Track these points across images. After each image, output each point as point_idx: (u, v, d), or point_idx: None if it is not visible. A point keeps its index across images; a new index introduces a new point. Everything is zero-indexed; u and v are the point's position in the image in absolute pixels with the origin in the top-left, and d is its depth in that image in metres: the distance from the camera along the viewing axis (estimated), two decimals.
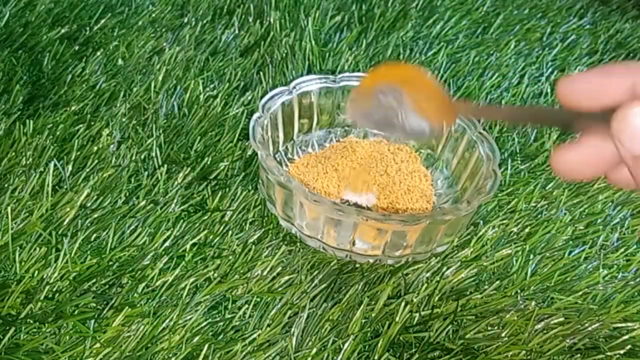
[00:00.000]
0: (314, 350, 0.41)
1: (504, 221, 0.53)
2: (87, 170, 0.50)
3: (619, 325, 0.45)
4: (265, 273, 0.45)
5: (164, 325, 0.40)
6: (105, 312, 0.40)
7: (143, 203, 0.48)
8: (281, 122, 0.54)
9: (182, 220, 0.48)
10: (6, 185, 0.47)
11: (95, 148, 0.52)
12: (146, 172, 0.51)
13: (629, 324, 0.45)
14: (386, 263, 0.48)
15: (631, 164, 0.23)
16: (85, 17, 0.69)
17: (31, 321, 0.39)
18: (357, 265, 0.48)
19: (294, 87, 0.54)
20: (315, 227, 0.47)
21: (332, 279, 0.46)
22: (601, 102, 0.24)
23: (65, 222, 0.45)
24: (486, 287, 0.47)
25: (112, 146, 0.53)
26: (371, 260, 0.48)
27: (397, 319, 0.43)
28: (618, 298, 0.47)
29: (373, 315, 0.44)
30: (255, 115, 0.50)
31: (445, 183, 0.55)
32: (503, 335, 0.43)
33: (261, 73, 0.66)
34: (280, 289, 0.45)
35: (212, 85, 0.63)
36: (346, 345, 0.41)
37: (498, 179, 0.48)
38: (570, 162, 0.26)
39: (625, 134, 0.23)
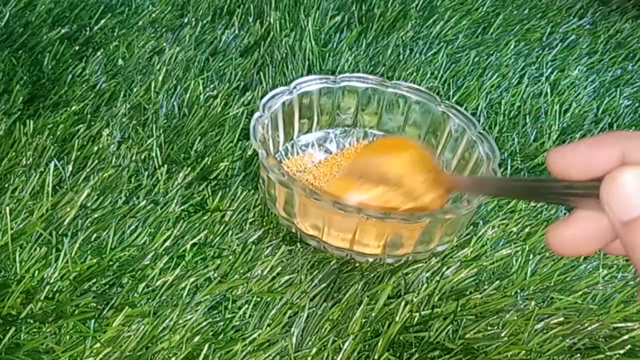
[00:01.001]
0: (314, 350, 0.41)
1: (504, 221, 0.53)
2: (88, 170, 0.50)
3: (619, 325, 0.45)
4: (265, 273, 0.46)
5: (164, 325, 0.40)
6: (105, 312, 0.40)
7: (143, 203, 0.48)
8: (281, 122, 0.54)
9: (182, 220, 0.48)
10: (6, 185, 0.47)
11: (96, 148, 0.52)
12: (146, 172, 0.51)
13: (629, 324, 0.45)
14: (386, 262, 0.48)
15: (620, 231, 0.23)
16: (85, 17, 0.69)
17: (31, 321, 0.39)
18: (357, 265, 0.48)
19: (294, 87, 0.54)
20: (316, 225, 0.47)
21: (332, 279, 0.46)
22: (591, 172, 0.25)
23: (65, 222, 0.45)
24: (486, 287, 0.47)
25: (112, 146, 0.53)
26: (371, 260, 0.48)
27: (397, 318, 0.43)
28: (618, 298, 0.47)
29: (373, 314, 0.44)
30: (256, 115, 0.50)
31: None
32: (503, 335, 0.43)
33: (261, 73, 0.66)
34: (280, 289, 0.45)
35: (212, 85, 0.63)
36: (346, 344, 0.41)
37: None
38: (566, 239, 0.26)
39: (614, 199, 0.23)
